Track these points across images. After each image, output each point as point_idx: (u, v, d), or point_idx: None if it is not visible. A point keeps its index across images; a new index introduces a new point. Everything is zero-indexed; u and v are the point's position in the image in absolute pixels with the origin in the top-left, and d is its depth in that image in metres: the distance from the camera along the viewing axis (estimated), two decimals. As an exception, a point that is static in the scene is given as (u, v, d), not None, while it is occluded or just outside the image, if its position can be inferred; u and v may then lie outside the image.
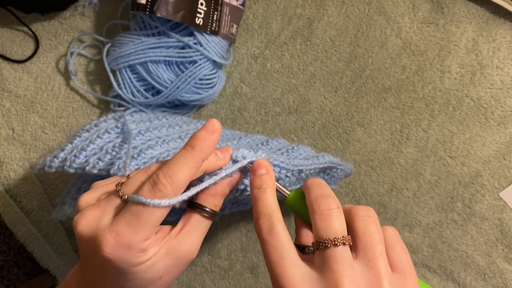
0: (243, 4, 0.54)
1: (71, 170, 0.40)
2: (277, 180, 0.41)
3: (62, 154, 0.42)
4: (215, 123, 0.33)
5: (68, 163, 0.40)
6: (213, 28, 0.50)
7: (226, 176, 0.36)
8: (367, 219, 0.31)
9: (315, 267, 0.30)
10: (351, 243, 0.31)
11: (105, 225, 0.30)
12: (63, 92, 0.55)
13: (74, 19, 0.55)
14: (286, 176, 0.41)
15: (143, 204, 0.30)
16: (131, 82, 0.51)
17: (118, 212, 0.31)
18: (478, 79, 0.54)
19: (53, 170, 0.41)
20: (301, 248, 0.35)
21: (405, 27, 0.55)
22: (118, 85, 0.52)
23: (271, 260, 0.30)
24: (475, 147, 0.54)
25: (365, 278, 0.29)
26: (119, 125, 0.46)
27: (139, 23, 0.51)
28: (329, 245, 0.30)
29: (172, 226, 0.34)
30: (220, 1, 0.51)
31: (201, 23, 0.50)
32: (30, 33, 0.55)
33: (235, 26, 0.53)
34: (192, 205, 0.35)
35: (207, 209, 0.34)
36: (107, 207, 0.31)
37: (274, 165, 0.39)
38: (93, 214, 0.31)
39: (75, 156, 0.41)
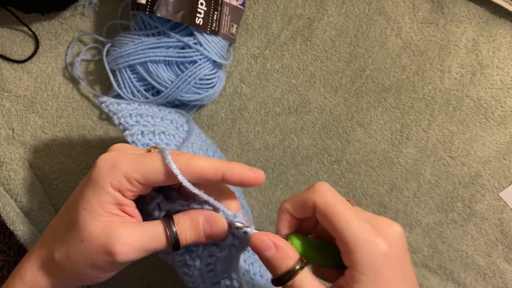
0: (243, 4, 0.54)
1: (116, 121, 0.41)
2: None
3: (124, 106, 0.42)
4: (263, 174, 0.33)
5: (120, 115, 0.40)
6: (213, 28, 0.50)
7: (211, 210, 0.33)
8: None
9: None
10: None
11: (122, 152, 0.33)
12: (63, 92, 0.55)
13: (74, 19, 0.55)
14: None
15: (158, 152, 0.32)
16: (131, 82, 0.51)
17: None
18: (478, 79, 0.54)
19: (107, 110, 0.42)
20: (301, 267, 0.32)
21: (405, 27, 0.55)
22: (118, 85, 0.52)
23: None
24: (475, 147, 0.54)
25: None
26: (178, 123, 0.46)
27: (139, 23, 0.51)
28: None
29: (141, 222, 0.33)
30: (220, 1, 0.51)
31: (201, 23, 0.50)
32: (30, 33, 0.55)
33: (235, 26, 0.53)
34: (165, 215, 0.33)
35: (173, 227, 0.32)
36: (134, 149, 0.35)
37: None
38: (128, 146, 0.34)
39: (130, 115, 0.41)
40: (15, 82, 0.54)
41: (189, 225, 0.32)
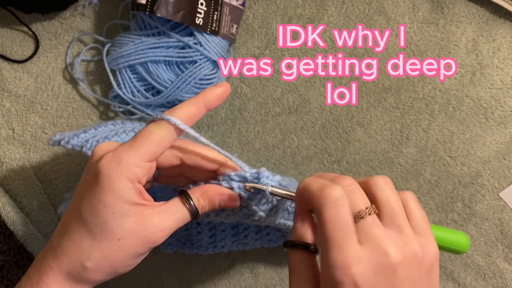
0: (243, 4, 0.54)
1: (89, 153, 0.41)
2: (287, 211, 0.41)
3: (83, 135, 0.43)
4: (225, 83, 0.36)
5: (88, 145, 0.41)
6: (213, 28, 0.50)
7: (225, 185, 0.37)
8: (386, 187, 0.32)
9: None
10: (377, 211, 0.31)
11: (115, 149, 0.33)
12: (63, 92, 0.55)
13: (74, 19, 0.55)
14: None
15: (146, 126, 0.33)
16: (131, 82, 0.51)
17: None
18: (478, 79, 0.54)
19: (70, 146, 0.42)
20: (306, 247, 0.34)
21: (405, 27, 0.55)
22: (118, 85, 0.52)
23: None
24: (475, 147, 0.54)
25: (400, 241, 0.30)
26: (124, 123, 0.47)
27: (139, 23, 0.51)
28: (356, 220, 0.30)
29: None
30: (220, 1, 0.51)
31: (201, 23, 0.50)
32: (30, 33, 0.55)
33: (235, 26, 0.53)
34: (180, 192, 0.36)
35: (191, 202, 0.35)
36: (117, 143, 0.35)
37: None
38: (113, 143, 0.35)
39: (98, 142, 0.41)
40: (15, 82, 0.54)
41: (204, 199, 0.36)
